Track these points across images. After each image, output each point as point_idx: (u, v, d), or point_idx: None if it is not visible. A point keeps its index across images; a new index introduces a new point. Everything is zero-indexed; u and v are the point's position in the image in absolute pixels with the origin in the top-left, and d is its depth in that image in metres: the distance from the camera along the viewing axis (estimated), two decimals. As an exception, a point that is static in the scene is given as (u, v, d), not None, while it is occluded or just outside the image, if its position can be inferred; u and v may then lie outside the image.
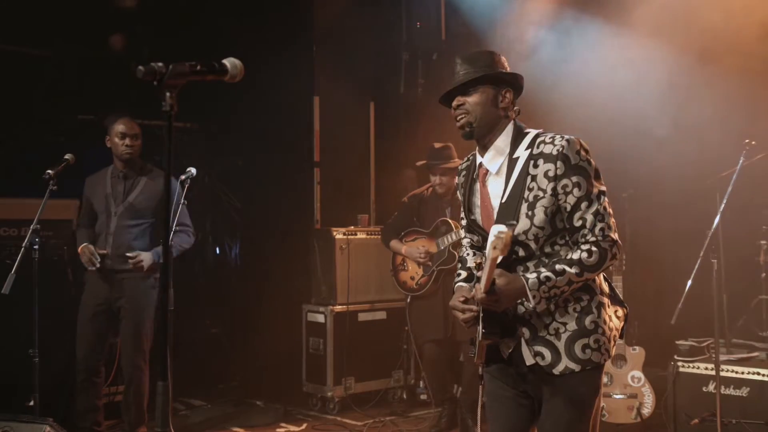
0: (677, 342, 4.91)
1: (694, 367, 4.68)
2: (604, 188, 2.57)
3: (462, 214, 2.90)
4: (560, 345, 2.55)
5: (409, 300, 5.64)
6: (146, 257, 4.75)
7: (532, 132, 2.64)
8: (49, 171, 4.42)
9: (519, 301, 2.55)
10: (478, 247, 2.87)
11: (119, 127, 4.78)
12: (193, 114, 6.90)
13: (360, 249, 6.24)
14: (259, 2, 6.78)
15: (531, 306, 2.49)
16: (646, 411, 4.94)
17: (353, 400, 6.01)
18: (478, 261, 2.83)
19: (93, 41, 6.11)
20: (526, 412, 2.72)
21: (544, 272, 2.47)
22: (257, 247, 7.25)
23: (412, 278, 5.55)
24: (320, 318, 6.12)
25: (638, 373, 4.99)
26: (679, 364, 4.73)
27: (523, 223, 2.52)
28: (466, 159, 2.86)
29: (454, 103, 2.67)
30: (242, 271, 7.45)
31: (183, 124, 7.02)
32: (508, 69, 2.71)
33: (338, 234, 6.19)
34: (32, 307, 4.25)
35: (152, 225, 4.88)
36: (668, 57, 5.33)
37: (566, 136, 2.54)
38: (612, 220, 2.56)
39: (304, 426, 5.66)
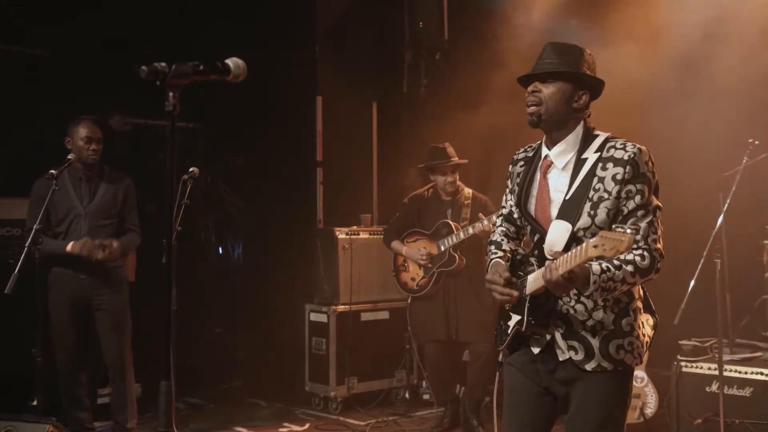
0: (680, 342, 4.90)
1: (697, 367, 4.68)
2: (660, 204, 2.62)
3: (504, 202, 2.94)
4: (595, 343, 2.56)
5: (409, 301, 5.64)
6: (116, 243, 4.77)
7: (602, 135, 2.66)
8: (52, 171, 4.42)
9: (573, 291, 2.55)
10: (513, 238, 2.92)
11: (83, 131, 4.75)
12: (195, 114, 6.90)
13: (363, 249, 6.24)
14: (262, 2, 6.78)
15: (587, 292, 2.46)
16: (649, 411, 4.93)
17: (356, 399, 6.01)
18: (513, 248, 2.84)
19: (95, 41, 6.11)
20: (546, 409, 2.71)
21: (605, 263, 2.46)
22: (260, 246, 7.25)
23: (413, 279, 5.54)
24: (323, 318, 6.12)
25: (641, 373, 4.98)
26: (683, 364, 4.72)
27: (584, 220, 2.55)
28: (523, 150, 2.86)
29: (530, 88, 2.65)
30: (245, 271, 7.45)
31: (186, 124, 7.03)
32: (595, 71, 2.71)
33: (341, 234, 6.19)
34: (35, 306, 4.26)
35: (115, 225, 4.90)
36: (670, 55, 5.32)
37: (638, 145, 2.58)
38: (661, 237, 2.59)
39: (306, 426, 5.66)
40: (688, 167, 5.15)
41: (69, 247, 4.68)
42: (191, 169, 4.45)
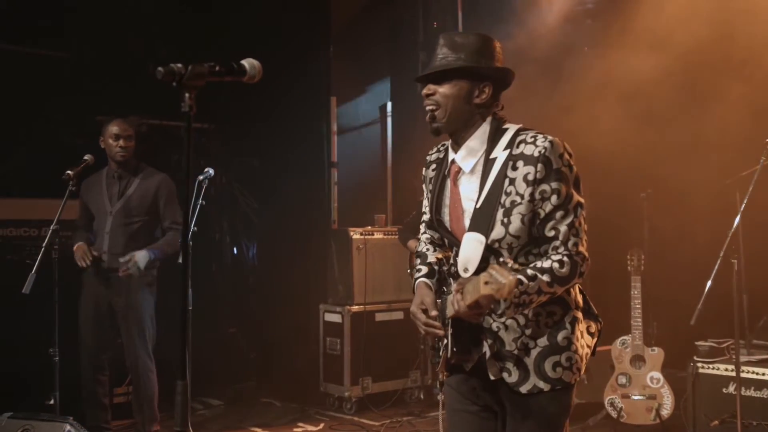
0: (697, 343, 4.86)
1: (713, 368, 4.64)
2: (582, 200, 2.33)
3: (424, 209, 2.71)
4: (529, 362, 2.34)
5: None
6: (140, 256, 4.71)
7: (512, 128, 2.38)
8: (69, 171, 4.46)
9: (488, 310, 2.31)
10: (439, 245, 2.69)
11: (113, 128, 4.81)
12: (210, 115, 6.93)
13: (377, 249, 6.24)
14: (276, 3, 6.80)
15: (499, 310, 2.23)
16: (665, 412, 4.90)
17: (370, 400, 6.01)
18: (440, 257, 2.59)
19: (111, 42, 6.15)
20: (489, 426, 2.50)
21: (519, 275, 2.17)
22: (274, 247, 7.27)
23: (429, 278, 5.52)
24: (337, 318, 6.12)
25: (657, 374, 4.95)
26: (699, 365, 4.69)
27: (497, 231, 2.30)
28: (435, 149, 2.61)
29: (424, 91, 2.40)
30: (259, 271, 7.47)
31: (201, 124, 7.06)
32: (500, 59, 2.41)
33: (355, 234, 6.19)
34: (52, 306, 4.29)
35: (145, 223, 4.90)
36: (689, 57, 5.29)
37: (549, 137, 2.29)
38: (585, 237, 2.34)
39: (321, 426, 5.67)
40: (704, 167, 5.13)
41: (74, 248, 4.76)
42: (207, 170, 4.46)
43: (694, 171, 5.33)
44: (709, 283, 4.36)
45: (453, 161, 2.46)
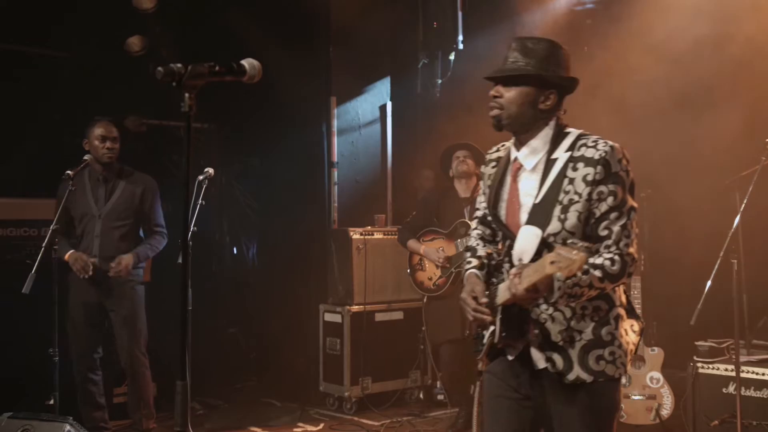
0: (697, 343, 4.86)
1: (713, 368, 4.64)
2: (635, 204, 2.48)
3: (479, 204, 2.82)
4: (573, 353, 2.46)
5: (425, 300, 5.63)
6: (126, 259, 4.75)
7: (574, 132, 2.53)
8: (69, 171, 4.45)
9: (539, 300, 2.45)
10: (489, 241, 2.79)
11: (98, 130, 4.76)
12: (210, 115, 6.93)
13: (377, 249, 6.24)
14: (276, 3, 6.80)
15: (552, 299, 2.36)
16: (665, 412, 4.91)
17: (370, 400, 6.01)
18: (489, 251, 2.71)
19: (111, 43, 6.15)
20: (528, 415, 2.60)
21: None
22: (274, 247, 7.27)
23: (430, 279, 5.53)
24: (337, 318, 6.12)
25: (657, 374, 4.95)
26: (699, 365, 4.69)
27: (554, 225, 2.43)
28: (495, 149, 2.75)
29: (492, 92, 2.53)
30: (259, 271, 7.48)
31: (201, 124, 7.06)
32: (567, 67, 2.54)
33: (355, 234, 6.19)
34: (52, 306, 4.29)
35: (133, 225, 4.91)
36: (690, 58, 5.29)
37: (609, 142, 2.45)
38: (635, 239, 2.47)
39: (321, 426, 5.67)
40: (704, 167, 5.13)
41: (66, 256, 4.69)
42: (206, 170, 4.46)
43: (694, 170, 5.33)
44: (708, 283, 4.36)
45: (515, 159, 2.60)
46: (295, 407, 6.13)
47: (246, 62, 2.11)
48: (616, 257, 2.39)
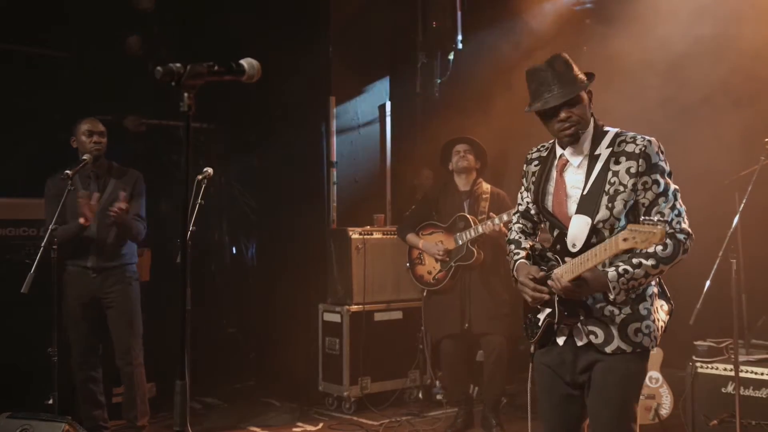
0: (696, 342, 4.86)
1: (712, 368, 4.65)
2: (677, 186, 2.77)
3: (521, 200, 3.10)
4: (614, 328, 2.74)
5: (425, 294, 5.63)
6: (119, 204, 4.65)
7: (612, 131, 2.84)
8: (68, 171, 4.45)
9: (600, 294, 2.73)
10: (529, 233, 3.10)
11: (84, 126, 4.78)
12: (210, 115, 6.93)
13: (376, 249, 6.24)
14: (276, 2, 6.80)
15: (612, 298, 2.66)
16: (664, 412, 4.91)
17: (369, 399, 6.01)
18: (531, 244, 2.98)
19: (111, 43, 6.16)
20: (578, 407, 2.89)
21: (622, 266, 2.65)
22: (273, 246, 7.27)
23: (429, 273, 5.53)
24: (336, 318, 6.12)
25: (656, 374, 4.96)
26: (698, 364, 4.69)
27: (602, 213, 2.72)
28: (536, 149, 3.03)
29: (563, 115, 2.77)
30: (258, 271, 7.47)
31: (200, 124, 7.06)
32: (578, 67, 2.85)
33: (354, 234, 6.19)
34: (51, 306, 4.29)
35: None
36: (689, 58, 5.29)
37: (646, 137, 2.75)
38: (686, 216, 2.75)
39: (320, 425, 5.67)
40: (704, 166, 5.13)
41: (81, 221, 4.65)
42: (205, 170, 4.46)
43: (693, 170, 5.33)
44: (708, 283, 4.36)
45: (561, 156, 2.89)
46: (294, 407, 6.13)
47: (245, 62, 2.12)
48: (669, 239, 2.66)
